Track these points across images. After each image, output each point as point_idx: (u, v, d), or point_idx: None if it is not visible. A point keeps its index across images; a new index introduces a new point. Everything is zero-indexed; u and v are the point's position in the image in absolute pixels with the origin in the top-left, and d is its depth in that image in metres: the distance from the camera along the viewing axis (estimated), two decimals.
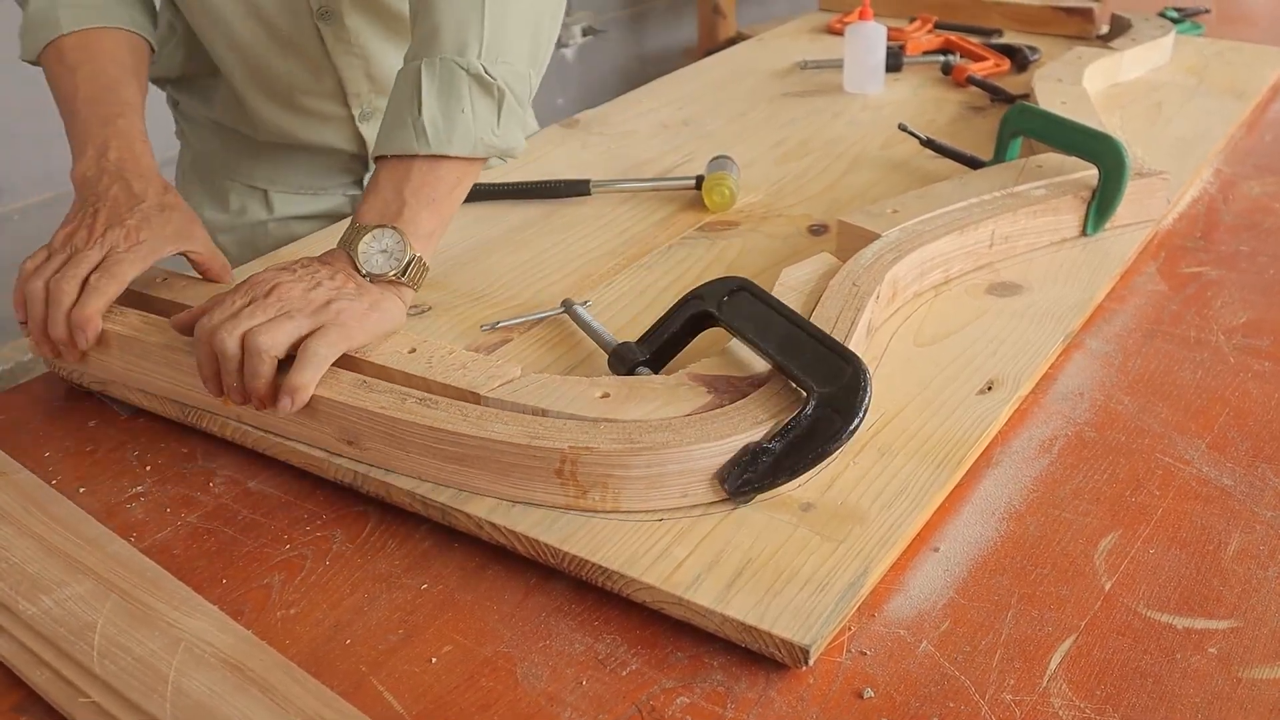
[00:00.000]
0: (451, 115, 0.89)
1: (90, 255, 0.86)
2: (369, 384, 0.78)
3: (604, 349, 0.88)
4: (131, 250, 0.86)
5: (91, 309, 0.83)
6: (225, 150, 1.27)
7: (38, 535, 0.73)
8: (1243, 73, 1.57)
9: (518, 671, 0.64)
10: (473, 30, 0.90)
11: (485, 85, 0.90)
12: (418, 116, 0.88)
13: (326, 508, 0.78)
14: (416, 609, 0.69)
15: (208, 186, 1.29)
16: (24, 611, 0.67)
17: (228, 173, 1.28)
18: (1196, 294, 1.02)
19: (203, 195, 1.29)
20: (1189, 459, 0.80)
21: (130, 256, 0.86)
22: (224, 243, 1.27)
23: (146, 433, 0.86)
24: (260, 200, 1.27)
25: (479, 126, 0.90)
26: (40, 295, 0.85)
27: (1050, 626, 0.66)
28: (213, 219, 1.27)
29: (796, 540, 0.70)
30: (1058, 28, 1.76)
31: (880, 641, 0.65)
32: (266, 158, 1.26)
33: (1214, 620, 0.67)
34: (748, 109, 1.49)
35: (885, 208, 1.03)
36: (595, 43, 3.72)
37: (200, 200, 1.28)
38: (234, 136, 1.26)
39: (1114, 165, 1.06)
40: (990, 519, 0.75)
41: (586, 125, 1.43)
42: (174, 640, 0.64)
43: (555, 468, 0.72)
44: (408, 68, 0.92)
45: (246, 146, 1.26)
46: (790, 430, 0.73)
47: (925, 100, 1.52)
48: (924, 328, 0.94)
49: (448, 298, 1.01)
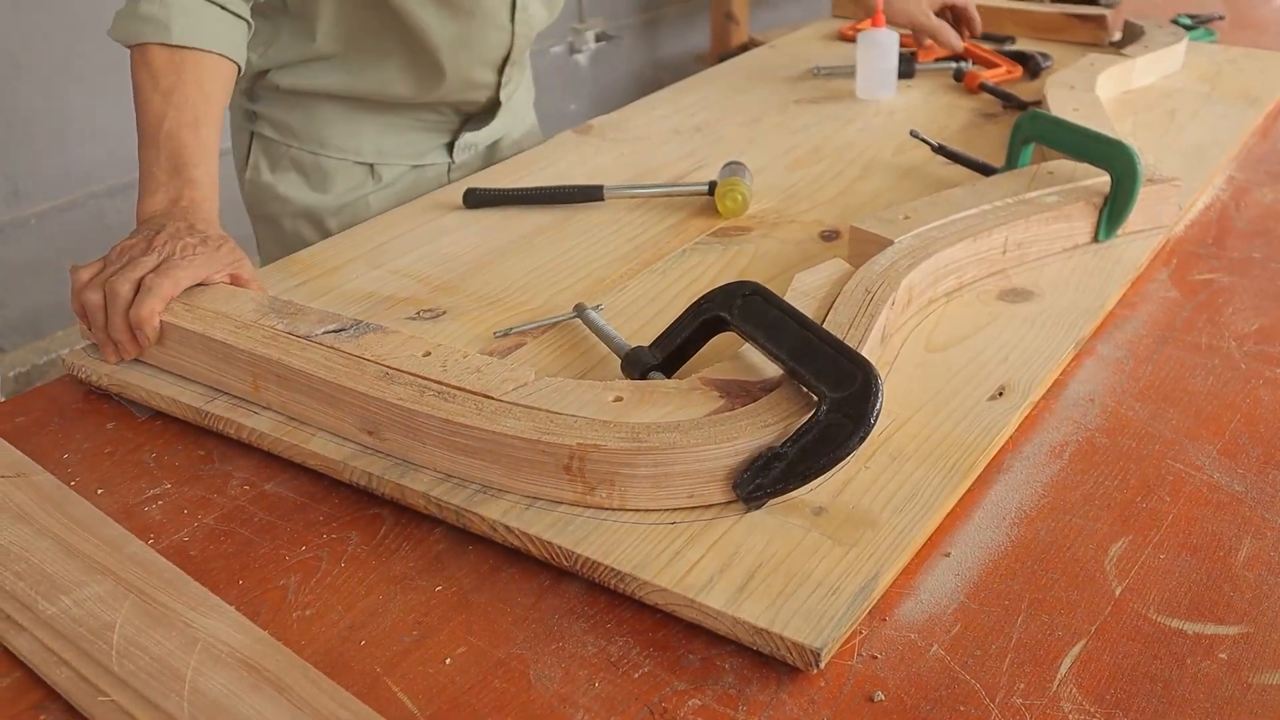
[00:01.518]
0: None
1: (146, 260, 0.91)
2: (390, 375, 0.79)
3: (617, 353, 0.89)
4: (186, 259, 0.92)
5: (148, 309, 0.88)
6: (326, 127, 1.32)
7: (57, 536, 0.74)
8: (1256, 79, 1.57)
9: (531, 673, 0.65)
10: None
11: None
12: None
13: (342, 510, 0.78)
14: (431, 610, 0.69)
15: (299, 169, 1.33)
16: (44, 611, 0.67)
17: (327, 149, 1.33)
18: (1208, 300, 1.03)
19: (296, 178, 1.33)
20: (1200, 465, 0.81)
21: (185, 264, 0.91)
22: (330, 224, 1.34)
23: (164, 435, 0.87)
24: (366, 173, 1.34)
25: None
26: (98, 302, 0.90)
27: (1060, 631, 0.67)
28: (317, 202, 1.33)
29: (808, 544, 0.70)
30: (1071, 34, 1.77)
31: (891, 645, 0.66)
32: (371, 131, 1.33)
33: (1224, 626, 0.67)
34: (760, 115, 1.50)
35: (897, 213, 1.03)
36: (608, 49, 3.73)
37: (292, 183, 1.33)
38: (337, 110, 1.31)
39: (1126, 172, 1.07)
40: (1001, 524, 0.75)
41: (600, 131, 1.44)
42: (191, 640, 0.65)
43: (564, 464, 0.73)
44: None
45: (349, 120, 1.32)
46: (803, 436, 0.73)
47: (937, 107, 1.52)
48: (936, 334, 0.94)
49: (462, 302, 1.01)
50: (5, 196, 2.45)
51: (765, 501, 0.74)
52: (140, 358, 0.92)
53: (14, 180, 2.46)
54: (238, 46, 1.08)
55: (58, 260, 2.48)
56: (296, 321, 0.87)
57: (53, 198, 2.53)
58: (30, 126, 2.41)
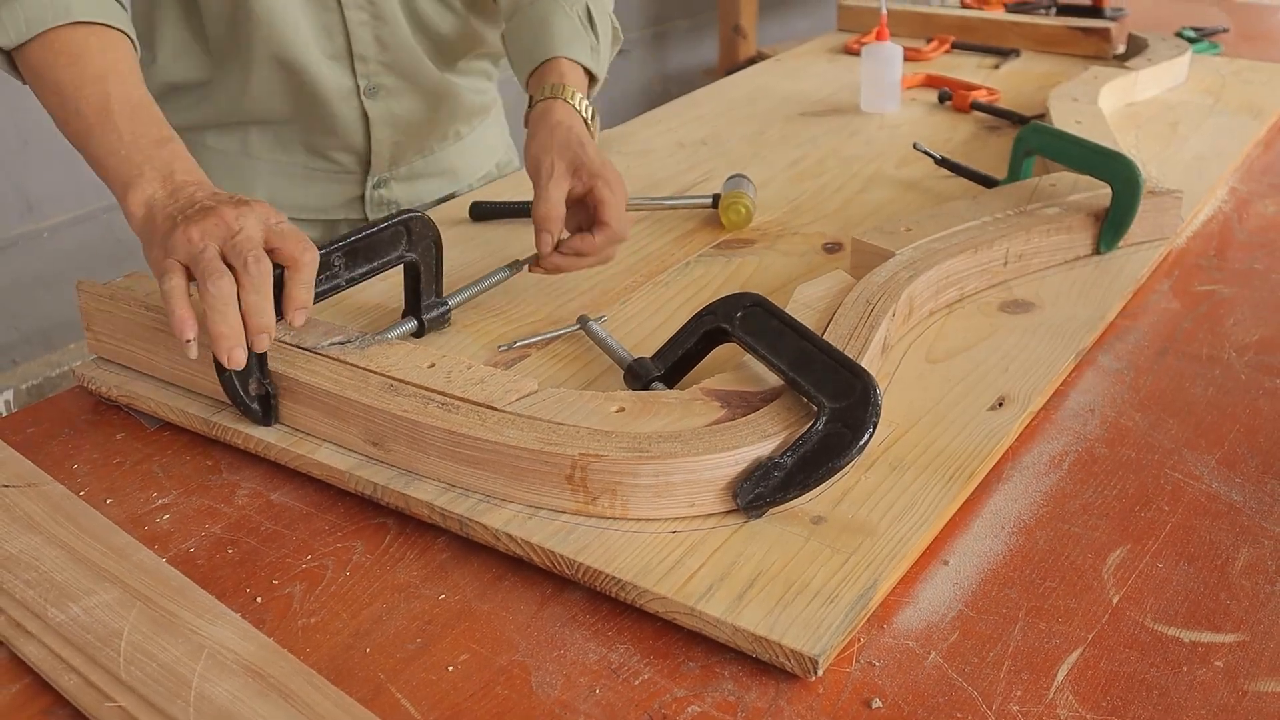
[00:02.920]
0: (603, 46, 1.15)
1: (250, 233, 0.79)
2: (395, 387, 0.80)
3: (619, 364, 0.90)
4: (276, 219, 0.82)
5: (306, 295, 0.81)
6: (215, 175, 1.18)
7: (66, 544, 0.75)
8: (1260, 91, 1.58)
9: (532, 680, 0.65)
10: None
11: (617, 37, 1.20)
12: (596, 43, 1.13)
13: (347, 519, 0.79)
14: (434, 618, 0.70)
15: None
16: (53, 618, 0.68)
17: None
18: (1209, 312, 1.03)
19: None
20: (1198, 475, 0.81)
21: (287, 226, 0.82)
22: None
23: (172, 445, 0.88)
24: None
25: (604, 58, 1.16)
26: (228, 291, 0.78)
27: (1058, 639, 0.67)
28: None
29: (807, 553, 0.71)
30: (1075, 47, 1.77)
31: (889, 652, 0.66)
32: (263, 180, 1.27)
33: (1221, 634, 0.67)
34: (765, 128, 1.51)
35: (899, 226, 1.04)
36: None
37: None
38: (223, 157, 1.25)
39: (1127, 184, 1.07)
40: (1000, 533, 0.76)
41: (605, 144, 1.45)
42: (198, 647, 0.66)
43: (566, 473, 0.73)
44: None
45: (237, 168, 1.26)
46: (801, 445, 0.74)
47: (940, 120, 1.53)
48: (936, 344, 0.95)
49: (466, 314, 1.02)
50: (19, 210, 2.47)
51: (765, 510, 0.74)
52: (148, 370, 0.92)
53: (27, 194, 2.48)
54: (126, 23, 0.96)
55: (70, 274, 2.50)
56: (302, 333, 0.88)
57: (65, 211, 2.55)
58: (43, 141, 2.43)
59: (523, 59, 1.13)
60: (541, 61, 1.10)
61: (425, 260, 0.95)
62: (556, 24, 1.12)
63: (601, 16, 1.17)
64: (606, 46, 1.18)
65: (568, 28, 1.12)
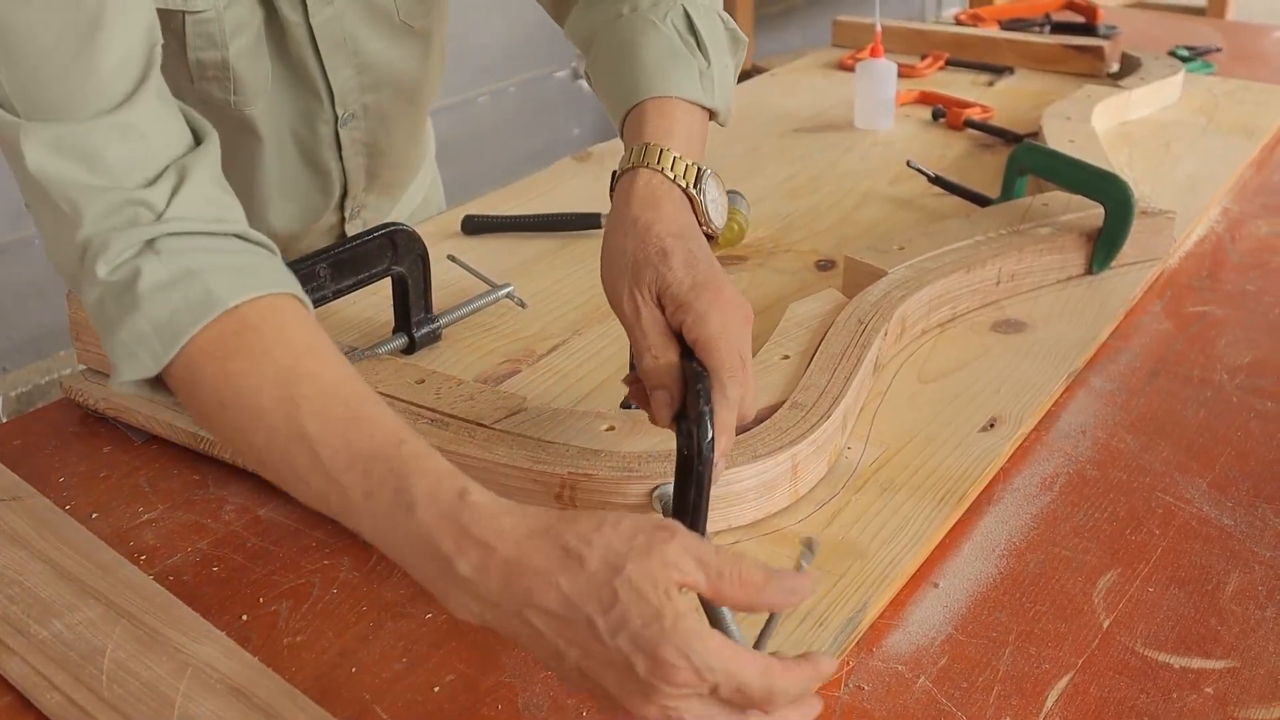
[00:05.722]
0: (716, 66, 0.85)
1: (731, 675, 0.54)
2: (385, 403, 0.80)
3: None
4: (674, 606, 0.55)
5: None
6: None
7: (50, 559, 0.74)
8: (1253, 111, 1.58)
9: (519, 701, 0.65)
10: None
11: (737, 40, 0.88)
12: (707, 67, 0.83)
13: (334, 536, 0.79)
14: (421, 638, 0.70)
15: None
16: (36, 635, 0.68)
17: None
18: (1201, 333, 1.03)
19: None
20: (1189, 498, 0.81)
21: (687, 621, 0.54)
22: None
23: (159, 459, 0.88)
24: None
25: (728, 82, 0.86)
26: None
27: (1047, 664, 0.67)
28: None
29: None
30: (1068, 65, 1.78)
31: (878, 677, 0.66)
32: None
33: (1211, 660, 0.67)
34: (758, 144, 1.51)
35: (892, 244, 1.04)
36: None
37: None
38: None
39: (1120, 204, 1.07)
40: (990, 556, 0.76)
41: (599, 158, 1.45)
42: (182, 666, 0.65)
43: (555, 492, 0.73)
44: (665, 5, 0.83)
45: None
46: None
47: (934, 137, 1.53)
48: (928, 364, 0.95)
49: (457, 329, 1.02)
50: (9, 216, 2.46)
51: None
52: None
53: (17, 200, 2.47)
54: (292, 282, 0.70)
55: (61, 281, 2.49)
56: None
57: None
58: None
59: (613, 104, 0.85)
60: (631, 108, 0.82)
61: (413, 274, 0.95)
62: (645, 47, 0.83)
63: (708, 20, 0.86)
64: (724, 62, 0.87)
65: (661, 48, 0.83)
